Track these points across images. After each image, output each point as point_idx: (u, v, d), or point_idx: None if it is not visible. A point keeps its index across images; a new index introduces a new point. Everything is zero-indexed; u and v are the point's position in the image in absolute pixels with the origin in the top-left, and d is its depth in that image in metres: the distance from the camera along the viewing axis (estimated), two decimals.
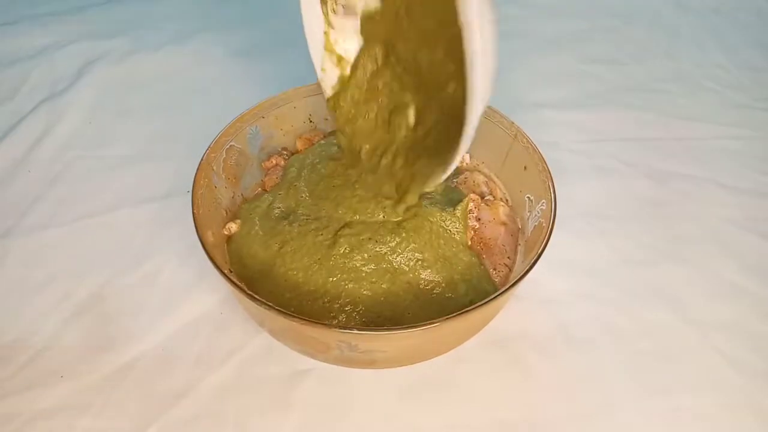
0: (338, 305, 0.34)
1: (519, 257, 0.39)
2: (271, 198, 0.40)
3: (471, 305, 0.31)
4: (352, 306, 0.34)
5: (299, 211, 0.38)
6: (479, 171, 0.43)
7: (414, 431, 0.35)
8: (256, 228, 0.38)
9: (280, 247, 0.36)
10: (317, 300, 0.35)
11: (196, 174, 0.37)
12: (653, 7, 0.73)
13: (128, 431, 0.34)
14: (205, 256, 0.33)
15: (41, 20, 0.66)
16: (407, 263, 0.36)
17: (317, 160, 0.41)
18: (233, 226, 0.39)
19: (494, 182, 0.43)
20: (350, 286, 0.35)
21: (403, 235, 0.36)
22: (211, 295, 0.41)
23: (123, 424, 0.35)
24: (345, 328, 0.30)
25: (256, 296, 0.30)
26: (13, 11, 0.68)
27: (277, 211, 0.39)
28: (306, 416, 0.35)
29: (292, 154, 0.44)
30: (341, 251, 0.35)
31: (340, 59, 0.37)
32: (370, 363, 0.33)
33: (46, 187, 0.49)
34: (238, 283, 0.31)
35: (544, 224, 0.36)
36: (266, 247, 0.37)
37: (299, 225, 0.37)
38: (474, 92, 0.27)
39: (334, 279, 0.35)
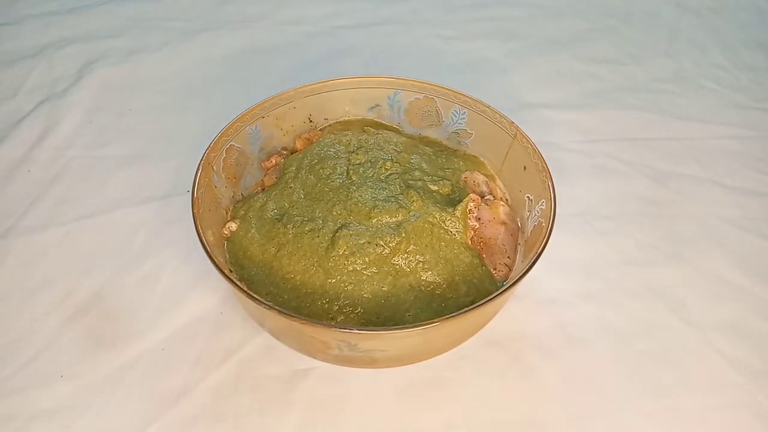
0: (337, 306, 0.34)
1: (519, 257, 0.39)
2: (264, 198, 0.40)
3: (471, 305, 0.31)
4: (351, 307, 0.34)
5: (293, 212, 0.38)
6: (479, 171, 0.43)
7: (413, 430, 0.35)
8: (253, 231, 0.38)
9: (277, 251, 0.36)
10: (316, 301, 0.35)
11: (196, 174, 0.37)
12: (653, 7, 0.73)
13: (128, 431, 0.34)
14: (205, 256, 0.33)
15: (41, 20, 0.66)
16: (408, 265, 0.36)
17: (315, 161, 0.41)
18: (233, 226, 0.39)
19: (494, 182, 0.43)
20: (350, 288, 0.35)
21: (403, 235, 0.36)
22: (211, 295, 0.41)
23: (123, 423, 0.35)
24: (345, 328, 0.30)
25: (256, 296, 0.30)
26: (13, 11, 0.68)
27: (270, 212, 0.39)
28: (306, 415, 0.35)
29: (292, 153, 0.44)
30: (340, 252, 0.35)
31: None
32: (371, 363, 0.33)
33: (46, 187, 0.48)
34: (239, 283, 0.31)
35: (543, 224, 0.36)
36: (263, 251, 0.37)
37: (294, 227, 0.37)
38: None
39: (333, 281, 0.35)
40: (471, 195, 0.39)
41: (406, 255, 0.36)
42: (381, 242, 0.36)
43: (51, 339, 0.38)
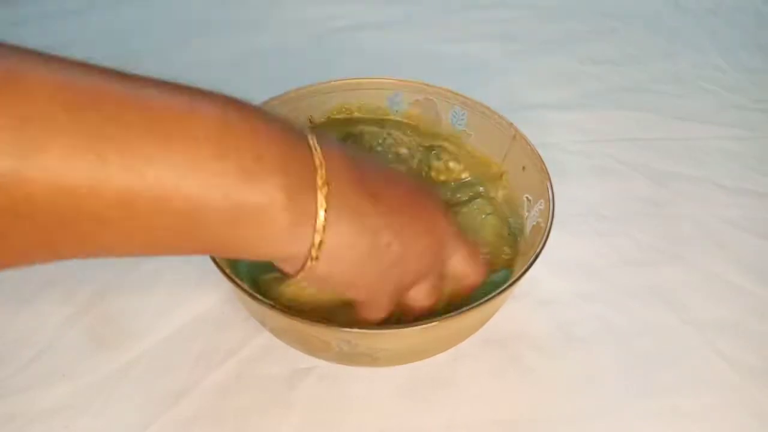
0: None
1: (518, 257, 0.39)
2: None
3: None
4: None
5: None
6: None
7: (413, 430, 0.35)
8: None
9: None
10: None
11: None
12: (652, 8, 0.73)
13: (128, 430, 0.34)
14: (206, 255, 0.32)
15: (41, 22, 0.66)
16: None
17: None
18: None
19: None
20: None
21: None
22: (211, 295, 0.41)
23: (123, 423, 0.35)
24: (346, 327, 0.30)
25: (257, 295, 0.30)
26: (13, 12, 0.68)
27: None
28: (306, 415, 0.35)
29: None
30: None
31: None
32: (371, 361, 0.33)
33: None
34: (239, 282, 0.31)
35: (542, 224, 0.36)
36: None
37: None
38: None
39: None
40: None
41: None
42: None
43: (52, 339, 0.38)
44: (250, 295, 0.30)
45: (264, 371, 0.37)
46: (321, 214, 0.23)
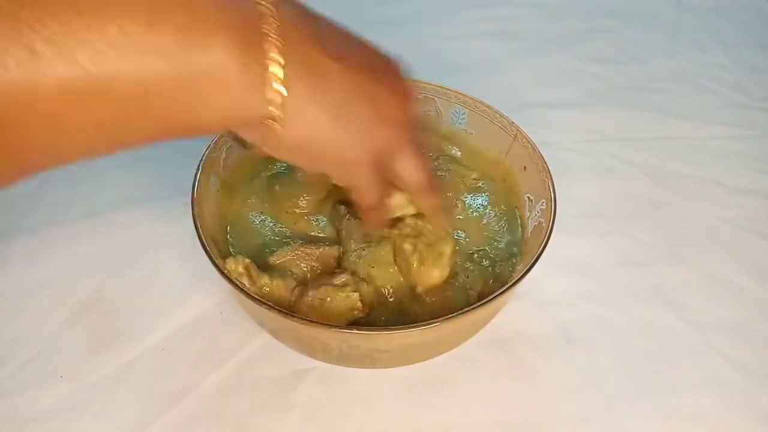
0: None
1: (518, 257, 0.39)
2: None
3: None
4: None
5: None
6: None
7: (414, 431, 0.35)
8: None
9: None
10: None
11: (196, 174, 0.37)
12: (653, 6, 0.73)
13: (128, 430, 0.34)
14: (205, 256, 0.32)
15: None
16: None
17: None
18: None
19: None
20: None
21: None
22: (210, 295, 0.41)
23: (123, 424, 0.35)
24: (345, 328, 0.30)
25: (255, 296, 0.30)
26: None
27: None
28: (305, 416, 0.35)
29: None
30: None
31: None
32: (371, 363, 0.33)
33: (46, 187, 0.48)
34: (238, 282, 0.31)
35: (543, 224, 0.36)
36: None
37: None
38: None
39: None
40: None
41: None
42: None
43: (51, 339, 0.38)
44: (249, 296, 0.30)
45: (263, 372, 0.37)
46: (279, 69, 0.21)
